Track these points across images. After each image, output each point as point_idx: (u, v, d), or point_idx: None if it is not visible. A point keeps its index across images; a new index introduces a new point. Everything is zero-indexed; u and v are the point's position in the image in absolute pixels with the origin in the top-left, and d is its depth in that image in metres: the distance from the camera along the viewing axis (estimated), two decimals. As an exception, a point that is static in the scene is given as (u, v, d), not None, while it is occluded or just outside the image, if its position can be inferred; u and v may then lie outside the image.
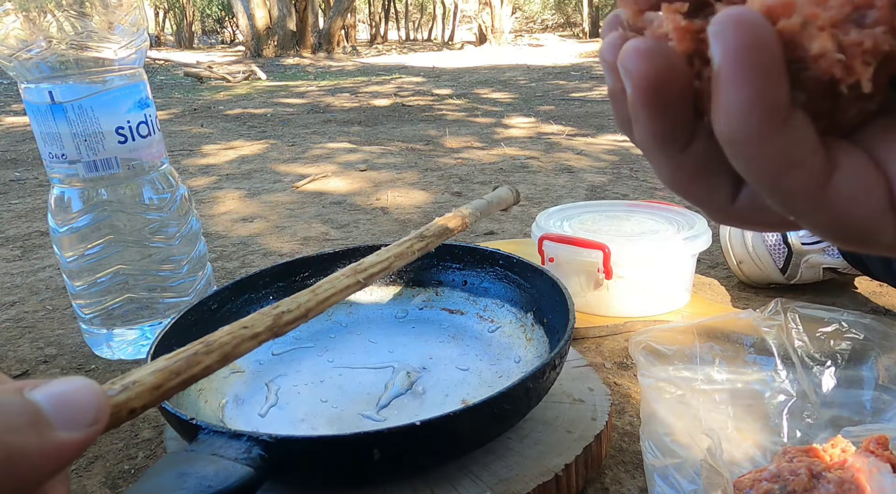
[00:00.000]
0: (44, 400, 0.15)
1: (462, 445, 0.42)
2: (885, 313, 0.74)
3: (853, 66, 0.14)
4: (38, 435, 0.14)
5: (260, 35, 8.24)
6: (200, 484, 0.32)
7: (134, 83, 0.64)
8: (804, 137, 0.15)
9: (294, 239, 1.09)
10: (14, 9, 0.57)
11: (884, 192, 0.15)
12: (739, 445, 0.48)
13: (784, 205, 0.16)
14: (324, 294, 0.24)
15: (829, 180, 0.15)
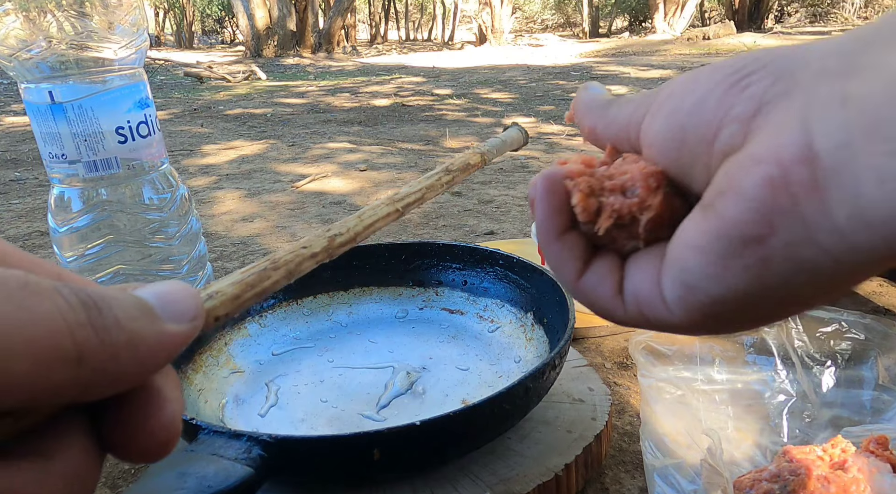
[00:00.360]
0: (150, 297, 0.17)
1: (462, 445, 0.42)
2: (885, 313, 0.74)
3: (601, 218, 0.23)
4: (152, 324, 0.16)
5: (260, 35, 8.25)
6: (200, 484, 0.32)
7: (134, 83, 0.64)
8: (573, 247, 0.24)
9: (294, 239, 1.09)
10: (14, 9, 0.57)
11: (612, 285, 0.23)
12: (739, 445, 0.48)
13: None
14: (368, 219, 0.26)
15: (581, 276, 0.24)
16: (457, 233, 1.08)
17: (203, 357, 0.55)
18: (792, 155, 0.18)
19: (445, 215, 1.19)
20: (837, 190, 0.18)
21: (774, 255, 0.19)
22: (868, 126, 0.17)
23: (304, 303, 0.64)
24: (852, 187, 0.17)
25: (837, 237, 0.18)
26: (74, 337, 0.14)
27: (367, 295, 0.66)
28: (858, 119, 0.17)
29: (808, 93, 0.19)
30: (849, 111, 0.18)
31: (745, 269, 0.19)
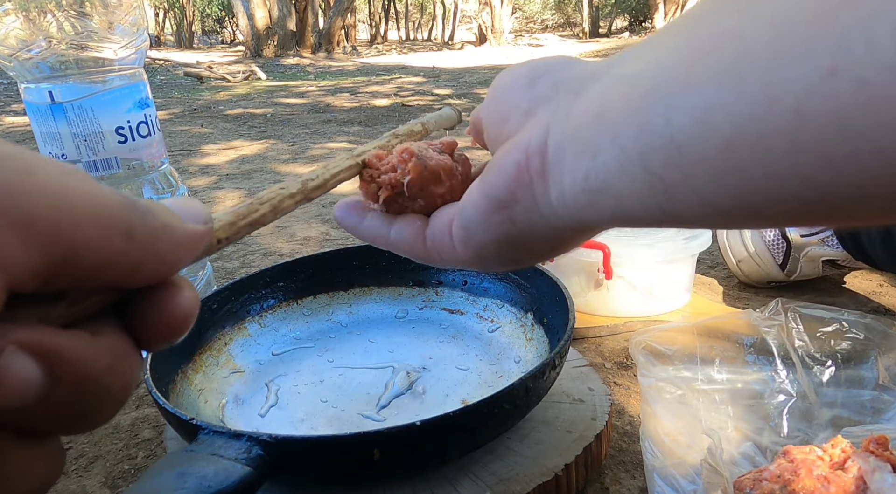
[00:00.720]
0: (169, 204, 0.19)
1: (462, 445, 0.42)
2: (885, 313, 0.74)
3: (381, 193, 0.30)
4: (177, 220, 0.18)
5: (260, 35, 8.25)
6: (200, 484, 0.32)
7: (134, 83, 0.64)
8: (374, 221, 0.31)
9: (294, 239, 1.09)
10: (14, 9, 0.57)
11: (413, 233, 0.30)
12: (739, 445, 0.48)
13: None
14: (333, 169, 0.29)
15: (389, 235, 0.31)
16: (457, 233, 1.08)
17: (203, 357, 0.55)
18: (534, 148, 0.25)
19: (445, 215, 1.19)
20: (553, 177, 0.24)
21: (516, 216, 0.26)
22: (572, 135, 0.23)
23: (304, 303, 0.64)
24: (559, 176, 0.24)
25: (551, 210, 0.25)
26: (125, 213, 0.17)
27: (367, 295, 0.66)
28: (570, 130, 0.24)
29: (557, 104, 0.25)
30: (568, 123, 0.24)
31: (499, 223, 0.27)
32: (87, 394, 0.16)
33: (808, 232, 0.75)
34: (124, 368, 0.17)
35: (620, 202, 0.22)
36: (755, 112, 0.17)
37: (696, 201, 0.20)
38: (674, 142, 0.19)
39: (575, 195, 0.23)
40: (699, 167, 0.19)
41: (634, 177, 0.21)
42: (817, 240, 0.75)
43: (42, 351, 0.15)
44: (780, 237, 0.77)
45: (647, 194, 0.21)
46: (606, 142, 0.22)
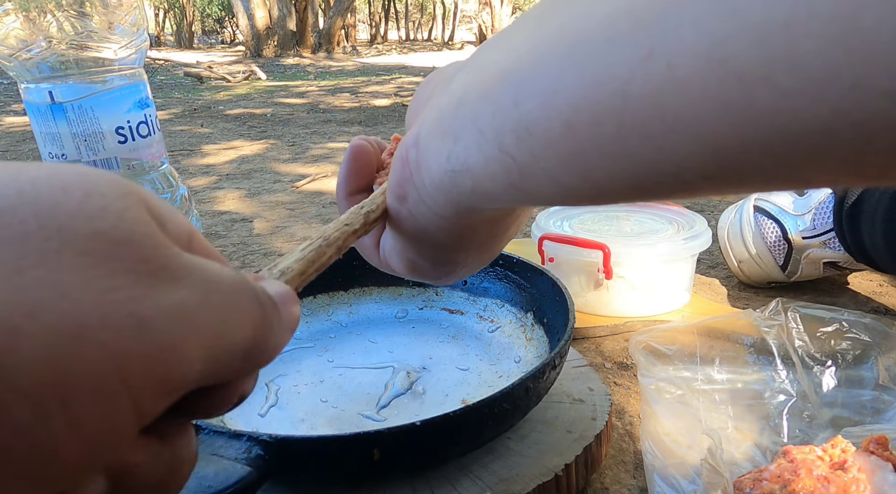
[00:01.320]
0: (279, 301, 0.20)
1: (462, 445, 0.42)
2: (885, 313, 0.74)
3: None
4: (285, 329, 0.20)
5: (260, 35, 8.25)
6: (200, 484, 0.32)
7: (134, 83, 0.64)
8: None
9: (294, 239, 1.09)
10: (14, 9, 0.57)
11: (373, 240, 0.32)
12: (739, 445, 0.48)
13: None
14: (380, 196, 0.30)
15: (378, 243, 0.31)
16: (457, 233, 1.08)
17: (203, 357, 0.55)
18: (410, 142, 0.26)
19: (445, 215, 1.19)
20: (423, 165, 0.26)
21: (413, 210, 0.27)
22: (438, 123, 0.25)
23: (304, 303, 0.64)
24: (428, 162, 0.25)
25: (431, 198, 0.26)
26: (255, 333, 0.18)
27: (367, 295, 0.66)
28: (436, 119, 0.25)
29: (433, 99, 0.27)
30: (435, 112, 0.26)
31: (403, 221, 0.28)
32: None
33: (810, 233, 0.75)
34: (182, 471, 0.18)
35: (477, 182, 0.24)
36: (588, 94, 0.19)
37: (546, 180, 0.22)
38: (521, 124, 0.21)
39: (441, 178, 0.25)
40: (546, 148, 0.21)
41: (490, 156, 0.23)
42: (819, 243, 0.75)
43: (117, 472, 0.15)
44: (781, 238, 0.77)
45: (503, 173, 0.23)
46: (466, 125, 0.23)
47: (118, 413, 0.14)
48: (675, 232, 0.71)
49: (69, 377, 0.13)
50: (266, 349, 0.18)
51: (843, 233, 0.71)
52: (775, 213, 0.78)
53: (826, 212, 0.74)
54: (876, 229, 0.66)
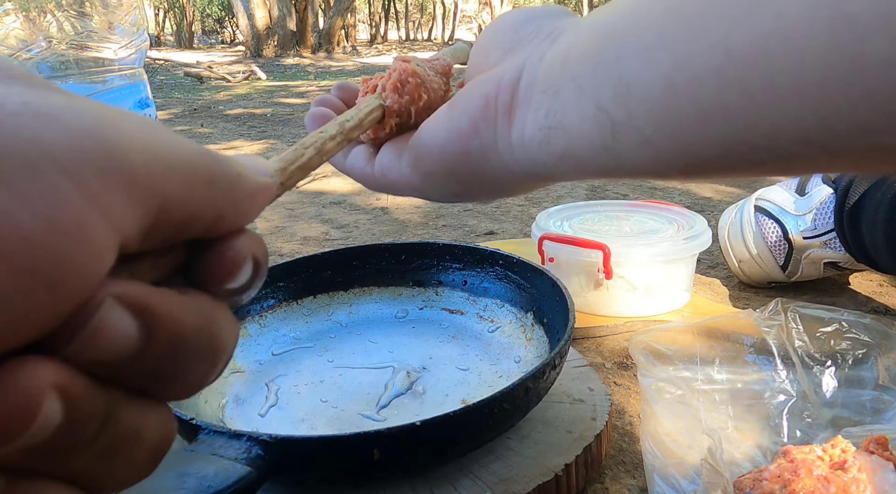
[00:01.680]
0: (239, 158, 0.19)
1: (462, 445, 0.42)
2: (885, 313, 0.74)
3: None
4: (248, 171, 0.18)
5: (260, 35, 8.25)
6: (200, 484, 0.32)
7: (134, 83, 0.64)
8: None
9: (294, 239, 1.09)
10: (14, 9, 0.57)
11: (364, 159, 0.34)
12: (739, 445, 0.48)
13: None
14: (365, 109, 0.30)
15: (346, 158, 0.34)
16: (457, 233, 1.08)
17: (203, 357, 0.55)
18: (505, 83, 0.26)
19: (445, 215, 1.19)
20: (518, 114, 0.25)
21: (472, 151, 0.27)
22: (542, 76, 0.25)
23: (304, 303, 0.64)
24: (524, 113, 0.25)
25: (509, 150, 0.26)
26: (206, 161, 0.16)
27: (367, 295, 0.66)
28: (542, 71, 0.25)
29: (536, 47, 0.26)
30: (541, 65, 0.25)
31: (454, 154, 0.28)
32: (181, 352, 0.16)
33: (811, 233, 0.75)
34: (215, 328, 0.17)
35: (571, 141, 0.24)
36: (691, 48, 0.19)
37: (637, 141, 0.22)
38: (622, 79, 0.21)
39: (533, 133, 0.25)
40: (643, 104, 0.21)
41: (586, 113, 0.23)
42: (820, 243, 0.75)
43: (138, 306, 0.15)
44: (782, 238, 0.77)
45: (596, 132, 0.23)
46: (567, 82, 0.24)
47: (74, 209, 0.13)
48: (675, 232, 0.71)
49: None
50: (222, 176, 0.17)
51: (844, 234, 0.71)
52: (776, 213, 0.78)
53: (827, 212, 0.74)
54: (877, 229, 0.66)
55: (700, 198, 1.24)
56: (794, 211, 0.77)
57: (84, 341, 0.14)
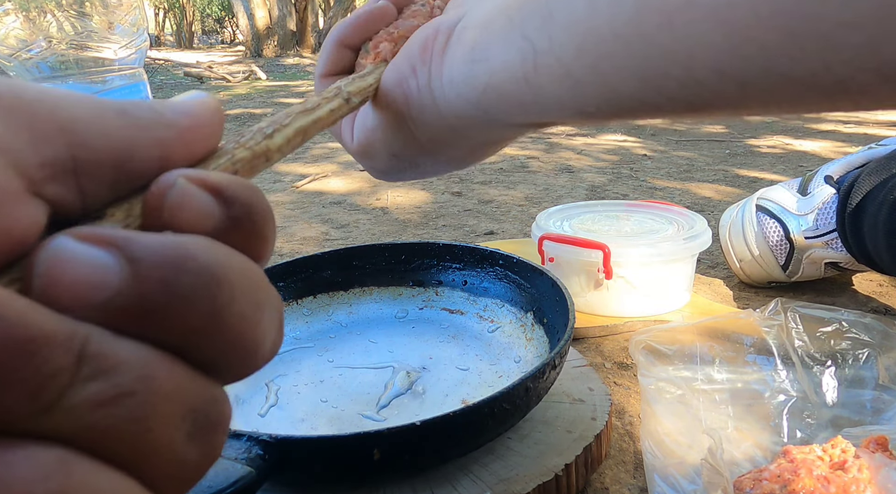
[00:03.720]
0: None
1: (462, 445, 0.42)
2: (885, 313, 0.74)
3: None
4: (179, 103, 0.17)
5: (260, 35, 8.25)
6: (200, 484, 0.32)
7: (134, 83, 0.64)
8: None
9: (294, 239, 1.09)
10: (14, 9, 0.57)
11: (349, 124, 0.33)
12: (739, 445, 0.48)
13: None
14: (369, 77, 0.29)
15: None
16: (457, 233, 1.08)
17: (203, 357, 0.55)
18: (445, 26, 0.26)
19: (445, 215, 1.19)
20: (449, 53, 0.26)
21: (410, 93, 0.27)
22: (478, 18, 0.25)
23: (304, 303, 0.64)
24: (454, 52, 0.26)
25: (440, 90, 0.26)
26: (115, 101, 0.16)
27: (367, 295, 0.66)
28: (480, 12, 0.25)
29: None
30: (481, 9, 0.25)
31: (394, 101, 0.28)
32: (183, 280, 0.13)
33: (812, 233, 0.75)
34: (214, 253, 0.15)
35: (493, 74, 0.24)
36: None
37: (558, 72, 0.22)
38: (547, 6, 0.22)
39: (460, 67, 0.25)
40: (564, 31, 0.22)
41: (511, 43, 0.23)
42: (821, 243, 0.75)
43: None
44: (783, 238, 0.77)
45: (518, 62, 0.23)
46: (498, 16, 0.24)
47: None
48: (675, 232, 0.71)
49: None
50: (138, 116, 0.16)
51: (846, 234, 0.71)
52: (778, 213, 0.78)
53: (829, 212, 0.74)
54: (878, 231, 0.66)
55: (700, 198, 1.24)
56: (796, 210, 0.77)
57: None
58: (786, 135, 1.92)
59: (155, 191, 0.15)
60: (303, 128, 0.22)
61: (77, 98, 0.15)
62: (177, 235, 0.14)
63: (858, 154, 0.76)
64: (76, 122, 0.14)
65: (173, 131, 0.16)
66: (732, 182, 1.36)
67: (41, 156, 0.13)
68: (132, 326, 0.13)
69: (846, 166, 0.76)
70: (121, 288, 0.13)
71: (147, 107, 0.16)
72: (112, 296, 0.13)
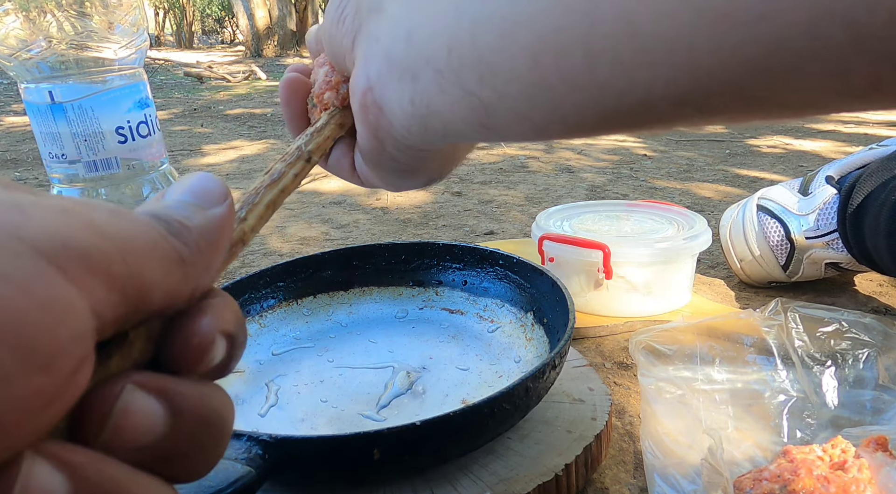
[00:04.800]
0: (187, 196, 0.18)
1: (462, 445, 0.42)
2: (885, 313, 0.74)
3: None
4: (203, 214, 0.17)
5: (260, 35, 8.25)
6: (200, 484, 0.32)
7: (134, 83, 0.64)
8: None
9: (294, 239, 1.09)
10: (14, 9, 0.57)
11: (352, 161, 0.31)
12: (739, 445, 0.48)
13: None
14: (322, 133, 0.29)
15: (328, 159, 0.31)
16: (457, 233, 1.08)
17: (203, 357, 0.55)
18: (362, 86, 0.25)
19: (445, 215, 1.19)
20: (388, 109, 0.24)
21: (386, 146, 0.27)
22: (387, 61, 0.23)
23: (304, 303, 0.64)
24: (390, 105, 0.24)
25: (402, 136, 0.25)
26: (164, 238, 0.16)
27: (367, 295, 0.66)
28: (383, 55, 0.23)
29: (365, 29, 0.24)
30: (379, 47, 0.23)
31: (380, 153, 0.27)
32: (206, 432, 0.16)
33: (813, 233, 0.75)
34: (228, 404, 0.17)
35: (447, 124, 0.23)
36: (553, 21, 0.18)
37: (515, 118, 0.21)
38: (482, 60, 0.20)
39: (407, 120, 0.24)
40: (511, 84, 0.20)
41: (454, 97, 0.22)
42: (822, 243, 0.75)
43: (159, 390, 0.15)
44: (784, 238, 0.77)
45: (471, 114, 0.22)
46: (421, 65, 0.22)
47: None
48: (675, 232, 0.71)
49: None
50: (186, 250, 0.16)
51: (847, 235, 0.71)
52: (779, 213, 0.78)
53: (830, 212, 0.74)
54: (879, 231, 0.66)
55: (700, 198, 1.24)
56: (797, 211, 0.77)
57: (116, 424, 0.14)
58: (786, 135, 1.92)
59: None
60: (272, 201, 0.23)
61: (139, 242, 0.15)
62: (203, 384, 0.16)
63: (860, 154, 0.76)
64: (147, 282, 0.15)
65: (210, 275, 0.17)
66: (732, 182, 1.36)
67: (114, 305, 0.14)
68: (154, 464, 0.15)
69: (847, 166, 0.76)
70: (165, 434, 0.15)
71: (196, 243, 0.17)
72: (155, 441, 0.15)
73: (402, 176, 0.29)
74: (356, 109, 0.26)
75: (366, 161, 0.29)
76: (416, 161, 0.27)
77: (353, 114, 0.27)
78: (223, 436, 0.17)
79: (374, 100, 0.24)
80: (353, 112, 0.27)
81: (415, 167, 0.28)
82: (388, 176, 0.29)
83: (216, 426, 0.16)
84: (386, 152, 0.27)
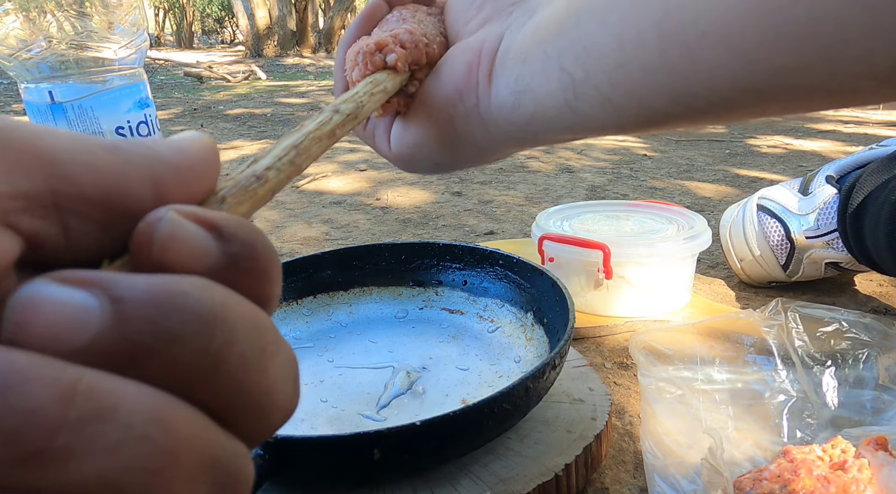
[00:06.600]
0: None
1: (462, 445, 0.42)
2: (885, 313, 0.74)
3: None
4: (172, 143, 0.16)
5: (260, 35, 8.25)
6: (200, 484, 0.32)
7: (134, 83, 0.64)
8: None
9: (294, 239, 1.09)
10: (14, 9, 0.57)
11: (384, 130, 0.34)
12: (739, 445, 0.48)
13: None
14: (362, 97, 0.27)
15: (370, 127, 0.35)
16: (457, 233, 1.08)
17: (203, 357, 0.55)
18: (486, 51, 0.28)
19: (445, 215, 1.19)
20: (495, 80, 0.28)
21: (457, 116, 0.29)
22: (517, 46, 0.27)
23: (304, 303, 0.64)
24: (498, 81, 0.28)
25: (489, 113, 0.28)
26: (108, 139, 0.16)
27: (367, 295, 0.66)
28: (518, 41, 0.27)
29: (515, 19, 0.28)
30: (518, 36, 0.27)
31: (440, 121, 0.30)
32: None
33: (813, 233, 0.75)
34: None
35: (538, 103, 0.26)
36: (635, 9, 0.22)
37: (596, 98, 0.24)
38: (581, 42, 0.24)
39: (506, 97, 0.27)
40: (598, 63, 0.24)
41: (551, 75, 0.25)
42: (822, 243, 0.75)
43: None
44: (784, 238, 0.77)
45: (560, 92, 0.25)
46: (535, 48, 0.26)
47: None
48: (675, 232, 0.71)
49: None
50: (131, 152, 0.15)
51: (847, 234, 0.71)
52: (779, 213, 0.78)
53: (830, 212, 0.74)
54: (879, 231, 0.66)
55: (700, 198, 1.24)
56: (797, 210, 0.77)
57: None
58: (786, 135, 1.92)
59: (143, 225, 0.13)
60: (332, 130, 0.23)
61: (62, 133, 0.14)
62: (167, 275, 0.13)
63: (860, 154, 0.76)
64: (58, 154, 0.13)
65: (168, 167, 0.15)
66: (732, 182, 1.36)
67: (14, 185, 0.12)
68: (124, 370, 0.12)
69: (847, 166, 0.76)
70: (103, 329, 0.12)
71: (140, 143, 0.15)
72: (94, 338, 0.11)
73: (444, 152, 0.31)
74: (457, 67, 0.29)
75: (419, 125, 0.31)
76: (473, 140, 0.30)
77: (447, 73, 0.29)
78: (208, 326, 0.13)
79: (488, 68, 0.28)
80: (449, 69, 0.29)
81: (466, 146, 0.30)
82: (431, 150, 0.31)
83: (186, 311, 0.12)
84: (452, 121, 0.29)
